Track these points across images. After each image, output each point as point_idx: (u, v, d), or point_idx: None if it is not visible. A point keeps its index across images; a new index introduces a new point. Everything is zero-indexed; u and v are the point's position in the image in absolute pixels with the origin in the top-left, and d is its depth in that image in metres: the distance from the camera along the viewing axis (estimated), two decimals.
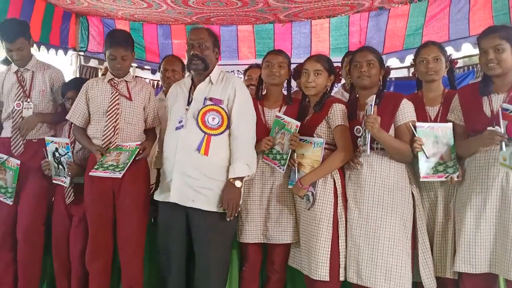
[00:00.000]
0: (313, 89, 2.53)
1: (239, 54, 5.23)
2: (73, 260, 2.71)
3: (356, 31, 4.83)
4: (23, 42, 2.79)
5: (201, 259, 2.45)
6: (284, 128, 2.53)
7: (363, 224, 2.35)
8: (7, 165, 2.78)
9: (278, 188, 2.58)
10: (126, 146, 2.60)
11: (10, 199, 2.76)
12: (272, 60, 2.70)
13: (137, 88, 2.73)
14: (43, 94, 2.87)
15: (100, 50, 5.33)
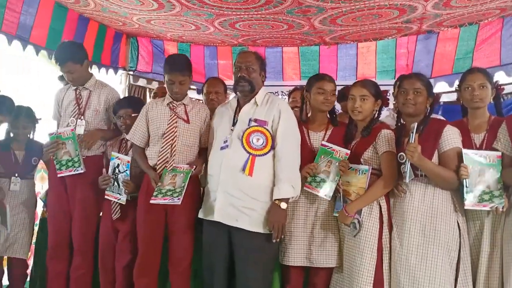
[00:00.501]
0: (360, 114, 2.56)
1: (284, 75, 5.32)
2: (118, 274, 2.83)
3: (404, 53, 4.84)
4: (71, 66, 2.94)
5: (242, 279, 2.50)
6: (332, 157, 2.56)
7: (404, 254, 2.35)
8: (63, 136, 2.93)
9: (324, 212, 2.60)
10: (180, 168, 2.68)
11: (79, 167, 2.89)
12: (326, 87, 2.71)
13: (195, 110, 2.83)
14: (96, 113, 3.02)
15: (149, 70, 5.58)
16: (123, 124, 2.91)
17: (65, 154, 2.91)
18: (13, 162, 3.11)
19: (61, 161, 2.92)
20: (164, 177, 2.66)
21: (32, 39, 4.22)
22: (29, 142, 3.20)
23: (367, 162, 2.50)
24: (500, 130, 2.40)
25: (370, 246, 2.40)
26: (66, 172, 2.91)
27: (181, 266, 2.70)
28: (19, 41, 4.09)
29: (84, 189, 2.94)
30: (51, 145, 2.92)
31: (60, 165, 2.92)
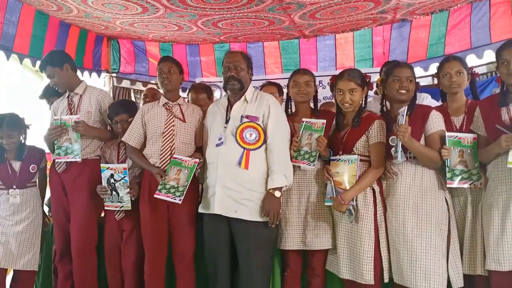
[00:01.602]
0: (351, 106, 2.73)
1: (266, 69, 5.51)
2: (126, 272, 2.99)
3: (380, 42, 5.05)
4: (50, 70, 3.08)
5: (244, 266, 2.70)
6: (311, 129, 2.80)
7: (400, 230, 2.57)
8: (67, 123, 3.02)
9: (315, 198, 2.81)
10: (185, 162, 2.83)
11: (77, 156, 3.00)
12: (299, 79, 2.94)
13: (189, 110, 3.02)
14: (88, 115, 3.13)
15: (132, 71, 5.71)
16: (120, 129, 3.06)
17: (66, 141, 3.03)
18: (10, 173, 3.12)
19: (61, 146, 3.03)
20: (169, 170, 2.81)
21: (16, 48, 4.33)
22: (21, 150, 3.16)
23: (359, 150, 2.69)
24: (475, 114, 2.65)
25: (368, 229, 2.61)
26: (63, 158, 3.02)
27: (185, 258, 2.90)
28: (3, 51, 4.20)
29: (82, 192, 3.05)
30: (55, 130, 3.03)
31: (59, 151, 3.03)
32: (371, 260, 2.59)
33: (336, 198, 2.65)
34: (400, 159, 2.55)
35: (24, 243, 3.10)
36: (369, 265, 2.59)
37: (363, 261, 2.59)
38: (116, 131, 3.13)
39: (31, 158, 3.20)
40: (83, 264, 3.04)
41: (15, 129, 3.14)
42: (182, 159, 2.84)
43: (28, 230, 3.12)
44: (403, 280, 2.55)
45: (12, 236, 3.07)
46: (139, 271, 2.95)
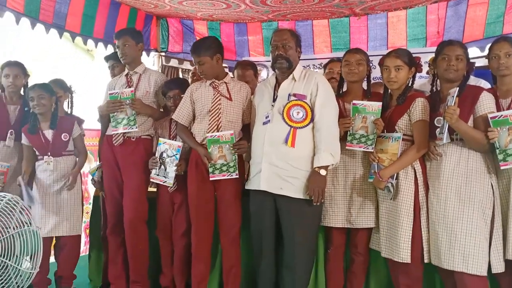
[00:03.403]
0: (395, 83, 2.81)
1: (314, 48, 5.54)
2: (176, 242, 3.22)
3: (434, 20, 4.97)
4: (128, 39, 3.28)
5: (289, 243, 2.84)
6: (365, 112, 2.84)
7: (441, 212, 2.63)
8: (123, 96, 3.23)
9: (361, 176, 2.92)
10: (221, 137, 2.97)
11: (134, 126, 3.21)
12: (350, 58, 3.00)
13: (236, 88, 3.15)
14: (146, 94, 3.34)
15: (180, 50, 5.90)
16: (172, 105, 3.25)
17: (121, 113, 3.25)
18: (43, 142, 3.35)
19: (117, 118, 3.26)
20: (210, 150, 2.98)
21: (68, 26, 4.59)
22: (54, 119, 3.40)
23: (401, 129, 2.77)
24: None
25: (407, 207, 2.70)
26: (121, 129, 3.24)
27: (230, 233, 3.06)
28: (56, 29, 4.47)
29: (135, 167, 3.27)
30: (113, 104, 3.25)
31: (116, 123, 3.25)
32: (409, 239, 2.68)
33: (375, 174, 2.73)
34: (445, 141, 2.58)
35: (66, 210, 3.34)
36: (406, 244, 2.68)
37: (400, 239, 2.68)
38: (169, 107, 3.32)
39: (62, 126, 3.43)
40: (135, 235, 3.26)
41: (47, 92, 3.37)
42: (217, 136, 2.98)
43: (69, 197, 3.36)
44: (440, 262, 2.63)
45: (53, 204, 3.32)
46: (188, 243, 3.15)
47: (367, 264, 3.00)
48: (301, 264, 2.85)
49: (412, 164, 2.75)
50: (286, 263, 2.88)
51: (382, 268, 2.95)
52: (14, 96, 3.52)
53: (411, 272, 2.73)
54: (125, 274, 3.32)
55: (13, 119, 3.48)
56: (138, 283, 3.27)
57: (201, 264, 3.08)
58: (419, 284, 2.77)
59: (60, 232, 3.33)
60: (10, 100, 3.52)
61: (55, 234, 3.32)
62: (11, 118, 3.48)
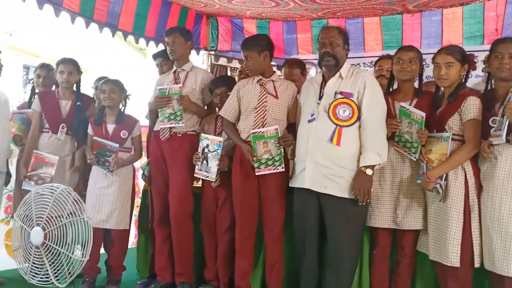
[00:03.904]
0: (446, 81, 2.77)
1: (365, 46, 5.48)
2: (220, 237, 3.30)
3: (493, 17, 4.80)
4: (177, 37, 3.41)
5: (333, 242, 2.85)
6: (410, 118, 2.81)
7: (496, 215, 2.56)
8: (171, 92, 3.36)
9: (409, 177, 2.88)
10: (266, 132, 3.03)
11: (180, 121, 3.33)
12: (403, 56, 2.96)
13: (283, 87, 3.19)
14: (192, 91, 3.45)
15: (228, 49, 6.00)
16: (219, 102, 3.34)
17: (169, 108, 3.37)
18: (103, 135, 3.51)
19: (164, 113, 3.38)
20: (255, 146, 3.03)
21: (121, 26, 4.79)
22: (120, 115, 3.59)
23: (451, 128, 2.72)
24: None
25: (456, 210, 2.65)
26: (167, 124, 3.35)
27: (274, 230, 3.10)
28: (109, 28, 4.67)
29: (180, 163, 3.38)
30: (161, 99, 3.37)
31: (163, 117, 3.37)
32: (458, 242, 2.63)
33: (424, 175, 2.69)
34: (503, 139, 2.50)
35: (116, 203, 3.48)
36: (455, 247, 2.63)
37: (449, 242, 2.64)
38: (215, 104, 3.42)
39: (124, 124, 3.60)
40: (181, 229, 3.37)
41: (119, 87, 3.58)
42: (261, 131, 3.04)
43: (120, 191, 3.50)
44: (494, 267, 2.56)
45: (104, 197, 3.47)
46: (232, 238, 3.23)
47: (414, 266, 2.96)
48: (345, 264, 2.85)
49: (462, 165, 2.69)
50: (330, 262, 2.88)
51: (429, 271, 2.90)
52: (67, 91, 3.73)
53: (460, 276, 2.67)
54: (171, 266, 3.43)
55: (65, 114, 3.67)
56: (183, 276, 3.37)
57: (244, 260, 3.15)
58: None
59: (108, 225, 3.48)
60: (63, 95, 3.72)
61: (104, 226, 3.48)
62: (63, 112, 3.68)
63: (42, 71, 3.91)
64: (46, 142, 3.62)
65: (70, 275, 2.64)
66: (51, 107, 3.67)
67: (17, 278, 3.52)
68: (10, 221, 4.56)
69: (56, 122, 3.64)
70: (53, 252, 2.62)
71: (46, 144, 3.61)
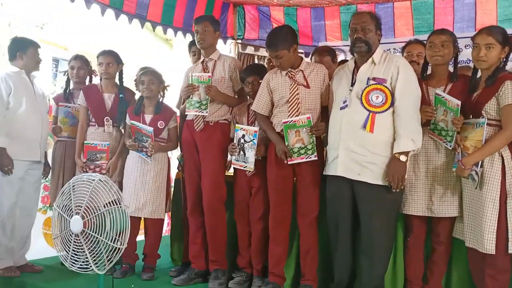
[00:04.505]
0: (485, 63, 2.71)
1: (395, 31, 5.40)
2: (253, 225, 3.36)
3: None
4: (207, 25, 3.45)
5: (366, 229, 2.87)
6: (446, 106, 2.78)
7: None
8: (200, 80, 3.40)
9: (443, 164, 2.86)
10: (298, 121, 3.05)
11: (205, 110, 3.38)
12: (434, 40, 2.92)
13: (313, 74, 3.18)
14: (222, 80, 3.49)
15: (256, 37, 6.00)
16: (251, 91, 3.38)
17: (196, 96, 3.41)
18: None
19: (191, 101, 3.43)
20: (287, 135, 3.05)
21: (149, 17, 4.86)
22: (158, 105, 3.67)
23: (488, 113, 2.68)
24: None
25: (492, 196, 2.62)
26: (192, 112, 3.42)
27: (309, 217, 3.13)
28: (138, 19, 4.74)
29: (213, 151, 3.43)
30: (187, 88, 3.42)
31: (189, 105, 3.43)
32: (494, 229, 2.61)
33: (459, 162, 2.68)
34: None
35: (151, 193, 3.57)
36: (491, 234, 2.61)
37: (485, 229, 2.62)
38: (247, 92, 3.45)
39: (162, 114, 3.68)
40: (214, 217, 3.43)
41: (157, 78, 3.66)
42: (293, 120, 3.05)
43: (154, 181, 3.59)
44: None
45: (140, 186, 3.57)
46: (265, 226, 3.28)
47: (449, 254, 2.96)
48: (379, 251, 2.87)
49: (499, 151, 2.66)
50: (364, 249, 2.91)
51: (464, 258, 2.89)
52: (109, 84, 3.84)
53: (497, 263, 2.66)
54: (205, 253, 3.51)
55: (108, 107, 3.79)
56: (217, 263, 3.43)
57: (278, 247, 3.19)
58: (506, 275, 2.69)
59: (143, 214, 3.59)
60: (105, 88, 3.84)
61: (139, 215, 3.58)
62: (107, 105, 3.79)
63: (75, 63, 4.00)
64: (93, 135, 3.76)
65: (109, 262, 2.73)
66: (95, 101, 3.79)
67: (56, 265, 3.69)
68: (47, 210, 4.72)
69: (101, 115, 3.76)
70: (92, 240, 2.70)
71: (93, 137, 3.75)
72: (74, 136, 3.86)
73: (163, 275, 3.67)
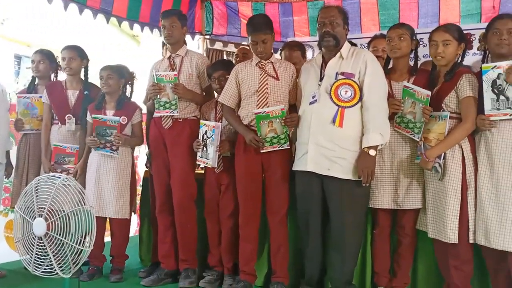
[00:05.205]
0: (443, 59, 2.75)
1: (361, 27, 5.43)
2: (223, 223, 3.29)
3: None
4: (174, 20, 3.34)
5: (336, 224, 2.85)
6: (414, 98, 2.79)
7: (493, 190, 2.59)
8: (165, 79, 3.30)
9: (407, 158, 2.88)
10: (271, 112, 2.99)
11: (175, 110, 3.29)
12: (392, 34, 2.94)
13: (282, 68, 3.16)
14: (189, 77, 3.40)
15: (224, 33, 5.93)
16: (218, 86, 3.29)
17: (164, 96, 3.32)
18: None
19: (160, 101, 3.33)
20: (260, 126, 2.99)
21: (115, 11, 4.72)
22: (120, 101, 3.52)
23: (448, 107, 2.72)
24: None
25: (454, 187, 2.66)
26: (162, 112, 3.32)
27: (279, 214, 3.09)
28: (103, 14, 4.60)
29: (182, 149, 3.34)
30: (153, 88, 3.32)
31: (158, 105, 3.33)
32: (456, 219, 2.65)
33: (421, 155, 2.70)
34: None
35: (114, 192, 3.44)
36: (453, 224, 2.65)
37: (448, 219, 2.65)
38: (214, 88, 3.37)
39: (124, 110, 3.53)
40: (184, 216, 3.35)
41: (116, 73, 3.50)
42: (266, 111, 2.99)
43: (118, 179, 3.46)
44: (488, 242, 2.59)
45: (103, 185, 3.44)
46: (235, 223, 3.22)
47: (415, 246, 2.97)
48: (349, 246, 2.87)
49: (459, 143, 2.70)
50: (335, 244, 2.89)
51: (430, 249, 2.91)
52: (73, 80, 3.68)
53: (460, 253, 2.69)
54: (174, 253, 3.42)
55: (72, 103, 3.63)
56: (187, 262, 3.36)
57: (249, 245, 3.14)
58: (468, 266, 2.73)
59: (107, 214, 3.45)
60: (70, 85, 3.68)
61: (103, 215, 3.44)
62: (70, 103, 3.63)
63: (36, 56, 3.80)
64: (57, 133, 3.61)
65: (75, 265, 2.62)
66: (58, 98, 3.63)
67: (19, 270, 3.54)
68: (9, 213, 4.54)
69: (63, 113, 3.60)
70: (57, 242, 2.58)
71: (57, 136, 3.59)
72: (37, 128, 3.70)
73: (132, 276, 3.56)
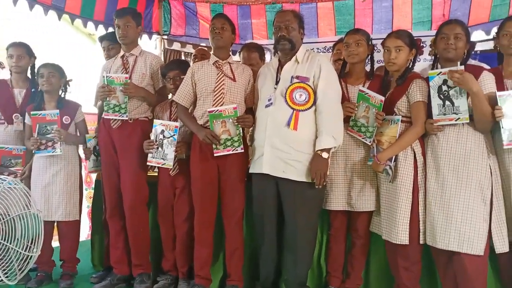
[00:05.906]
0: (395, 65, 2.80)
1: (318, 31, 5.49)
2: (178, 227, 3.20)
3: (440, 3, 4.93)
4: (129, 20, 3.23)
5: (291, 225, 2.86)
6: (368, 102, 2.83)
7: (438, 192, 2.64)
8: (116, 81, 3.18)
9: (361, 160, 2.91)
10: (224, 111, 2.93)
11: (125, 114, 3.18)
12: (349, 40, 2.98)
13: (239, 70, 3.12)
14: (142, 76, 3.29)
15: (182, 33, 5.85)
16: (172, 86, 3.21)
17: (114, 99, 3.19)
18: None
19: (109, 103, 3.20)
20: (213, 126, 2.93)
21: (67, 8, 4.56)
22: (60, 101, 3.38)
23: (400, 111, 2.77)
24: None
25: (405, 189, 2.71)
26: (111, 115, 3.20)
27: (234, 217, 3.05)
28: (55, 11, 4.43)
29: (132, 151, 3.22)
30: (103, 90, 3.19)
31: (108, 108, 3.21)
32: (407, 221, 2.70)
33: (374, 157, 2.75)
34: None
35: (63, 194, 3.32)
36: (404, 226, 2.69)
37: (398, 221, 2.70)
38: (169, 88, 3.29)
39: (65, 109, 3.39)
40: (136, 220, 3.25)
41: (58, 71, 3.38)
42: (219, 110, 2.94)
43: (66, 181, 3.33)
44: (435, 242, 2.65)
45: (50, 188, 3.30)
46: (190, 227, 3.14)
47: (368, 247, 3.01)
48: (303, 247, 2.87)
49: (411, 146, 2.74)
50: (289, 245, 2.90)
51: (383, 251, 2.95)
52: (20, 79, 3.52)
53: (409, 254, 2.74)
54: (127, 258, 3.31)
55: (19, 102, 3.48)
56: (140, 267, 3.26)
57: (204, 249, 3.09)
58: (417, 266, 2.79)
59: (56, 217, 3.32)
60: (16, 83, 3.52)
61: (52, 218, 3.31)
62: (18, 101, 3.48)
63: None
64: (2, 134, 3.43)
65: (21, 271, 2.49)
66: (3, 97, 3.45)
67: None
68: None
69: (10, 112, 3.43)
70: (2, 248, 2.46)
71: (3, 136, 3.42)
72: None
73: (83, 281, 3.43)
